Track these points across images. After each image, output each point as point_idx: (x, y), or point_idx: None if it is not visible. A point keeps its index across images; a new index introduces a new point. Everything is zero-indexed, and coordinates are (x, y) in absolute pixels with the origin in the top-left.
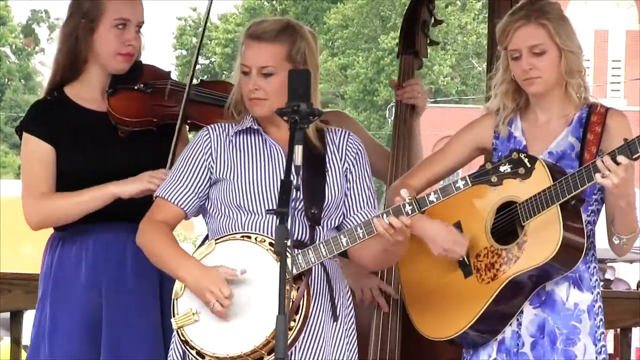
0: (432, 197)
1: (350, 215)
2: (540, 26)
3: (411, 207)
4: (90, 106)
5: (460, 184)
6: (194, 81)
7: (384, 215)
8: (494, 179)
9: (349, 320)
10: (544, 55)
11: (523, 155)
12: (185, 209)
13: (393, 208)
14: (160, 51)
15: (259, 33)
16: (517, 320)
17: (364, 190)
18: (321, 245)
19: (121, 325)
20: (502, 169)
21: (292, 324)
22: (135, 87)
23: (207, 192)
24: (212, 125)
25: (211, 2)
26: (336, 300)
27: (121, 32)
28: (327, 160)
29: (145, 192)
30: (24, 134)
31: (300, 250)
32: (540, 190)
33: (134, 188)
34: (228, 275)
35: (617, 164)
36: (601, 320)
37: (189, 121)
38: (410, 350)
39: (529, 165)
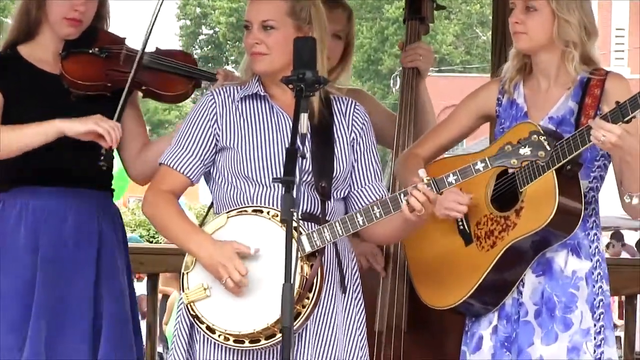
0: (451, 179)
1: (357, 188)
2: None
3: (429, 187)
4: (42, 67)
5: (480, 166)
6: (151, 49)
7: (402, 195)
8: (513, 161)
9: (357, 290)
10: (535, 13)
11: (543, 138)
12: (191, 177)
13: (411, 188)
14: (163, 21)
15: None
16: (518, 288)
17: (372, 163)
18: (337, 224)
19: (53, 290)
20: (522, 151)
21: (306, 301)
22: (90, 51)
23: (212, 158)
24: (217, 89)
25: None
26: (345, 272)
27: None
28: (334, 130)
29: (91, 133)
30: None
31: (315, 229)
32: None
33: (80, 127)
34: (241, 251)
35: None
36: (600, 287)
37: (143, 88)
38: (417, 318)
39: (549, 149)
